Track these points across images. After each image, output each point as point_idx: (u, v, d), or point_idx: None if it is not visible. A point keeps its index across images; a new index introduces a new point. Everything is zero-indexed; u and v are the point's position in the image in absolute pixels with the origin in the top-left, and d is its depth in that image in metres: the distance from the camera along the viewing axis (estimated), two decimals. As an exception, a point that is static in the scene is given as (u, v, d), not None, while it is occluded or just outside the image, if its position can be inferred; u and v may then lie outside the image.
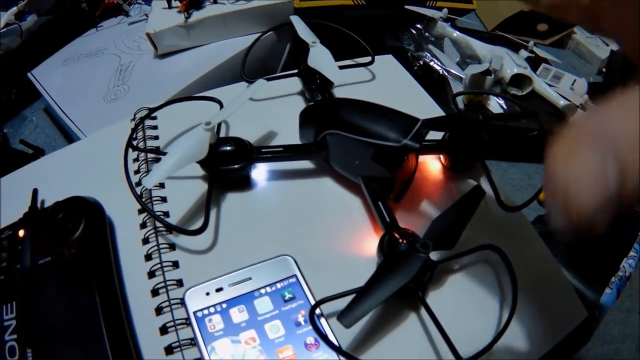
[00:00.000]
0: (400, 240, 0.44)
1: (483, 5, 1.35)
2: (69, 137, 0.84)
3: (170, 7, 0.85)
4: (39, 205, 0.52)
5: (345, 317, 0.38)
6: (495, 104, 0.89)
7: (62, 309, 0.42)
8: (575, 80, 1.00)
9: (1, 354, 0.41)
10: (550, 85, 0.96)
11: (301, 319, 0.43)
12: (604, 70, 1.28)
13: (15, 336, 0.41)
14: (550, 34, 1.33)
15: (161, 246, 0.48)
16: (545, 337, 0.47)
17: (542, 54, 1.04)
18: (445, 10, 1.01)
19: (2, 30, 0.92)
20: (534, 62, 1.04)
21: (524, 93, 0.94)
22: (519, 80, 0.94)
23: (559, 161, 0.24)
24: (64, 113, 0.79)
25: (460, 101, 0.86)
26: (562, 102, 0.92)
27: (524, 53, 1.03)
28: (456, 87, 0.86)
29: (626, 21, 0.27)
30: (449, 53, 0.94)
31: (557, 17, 0.31)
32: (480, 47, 0.99)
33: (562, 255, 0.66)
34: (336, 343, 0.41)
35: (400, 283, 0.40)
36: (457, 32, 1.01)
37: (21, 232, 0.47)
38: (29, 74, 0.89)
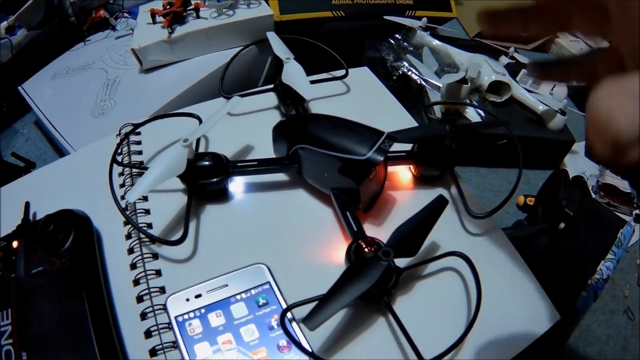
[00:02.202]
0: (365, 248, 0.49)
1: (465, 12, 1.39)
2: (59, 150, 0.87)
3: (154, 22, 0.90)
4: (31, 217, 0.56)
5: (309, 320, 0.42)
6: (473, 112, 0.93)
7: (54, 315, 0.46)
8: (554, 85, 1.04)
9: (-1, 357, 0.44)
10: (530, 91, 1.00)
11: (274, 323, 0.47)
12: (588, 72, 1.32)
13: (11, 340, 0.45)
14: (533, 38, 1.37)
15: (145, 256, 0.53)
16: (516, 339, 0.50)
17: (522, 59, 1.08)
18: (424, 19, 1.04)
19: (-8, 45, 0.95)
20: (515, 68, 1.08)
21: (502, 99, 0.98)
22: (498, 87, 0.98)
23: (601, 98, 0.30)
24: (54, 127, 0.83)
25: (437, 110, 0.90)
26: (540, 108, 0.97)
27: (504, 59, 1.07)
28: (434, 96, 0.90)
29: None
30: (427, 62, 0.98)
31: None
32: (459, 55, 1.02)
33: (539, 259, 0.70)
34: (306, 345, 0.45)
35: (361, 289, 0.44)
36: (437, 41, 1.05)
37: (15, 243, 0.51)
38: (19, 88, 0.93)
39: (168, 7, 0.89)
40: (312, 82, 0.66)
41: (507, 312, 0.52)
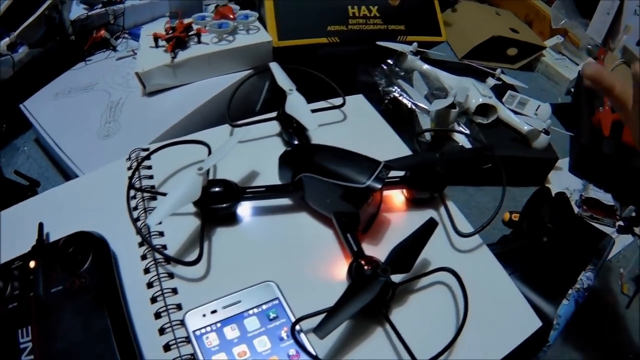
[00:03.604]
0: (365, 266, 0.56)
1: (454, 35, 1.45)
2: (61, 169, 0.92)
3: (157, 46, 0.95)
4: (44, 238, 0.61)
5: (319, 330, 0.49)
6: (462, 135, 1.00)
7: (77, 331, 0.50)
8: (539, 105, 1.11)
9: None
10: (515, 112, 1.07)
11: (284, 335, 0.53)
12: (572, 90, 1.39)
13: (32, 357, 0.48)
14: (520, 57, 1.44)
15: (161, 275, 0.58)
16: (500, 344, 0.57)
17: (508, 80, 1.15)
18: (415, 44, 1.10)
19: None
20: (501, 89, 1.15)
21: (489, 121, 1.05)
22: (485, 109, 1.05)
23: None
24: (59, 148, 0.87)
25: (428, 134, 0.96)
26: (525, 128, 1.03)
27: (491, 81, 1.13)
28: (424, 120, 0.96)
29: None
30: (417, 86, 1.04)
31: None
32: (447, 79, 1.09)
33: (521, 271, 0.75)
34: (314, 353, 0.52)
35: (364, 302, 0.51)
36: (426, 65, 1.11)
37: (32, 263, 0.55)
38: (21, 105, 0.96)
39: (171, 31, 0.94)
40: (312, 111, 0.72)
41: (491, 320, 0.59)
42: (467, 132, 1.01)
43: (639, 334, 0.87)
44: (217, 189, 0.62)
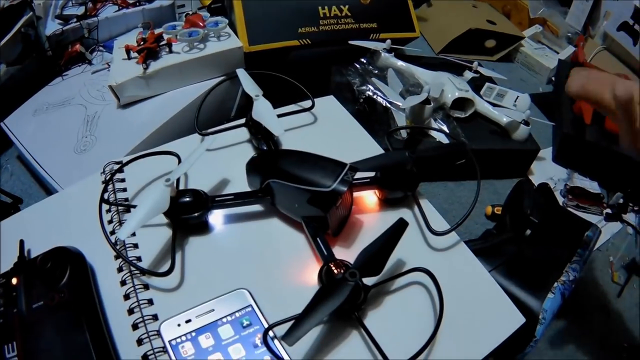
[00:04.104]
0: (335, 270, 0.56)
1: (430, 30, 1.46)
2: (44, 185, 0.92)
3: (129, 58, 0.96)
4: (25, 254, 0.62)
5: (288, 337, 0.49)
6: (437, 131, 1.00)
7: (58, 346, 0.51)
8: (518, 96, 1.11)
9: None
10: (493, 104, 1.08)
11: (258, 341, 0.54)
12: (553, 79, 1.39)
13: None
14: (499, 49, 1.45)
15: (137, 287, 0.59)
16: (482, 343, 0.58)
17: (486, 72, 1.15)
18: (388, 41, 1.10)
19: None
20: (480, 81, 1.15)
21: (467, 115, 1.05)
22: (462, 103, 1.05)
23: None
24: (39, 164, 0.87)
25: (404, 131, 0.97)
26: (504, 120, 1.03)
27: (468, 74, 1.13)
28: (399, 118, 0.96)
29: None
30: (392, 84, 1.04)
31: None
32: (423, 75, 1.09)
33: (504, 266, 0.75)
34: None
35: (332, 307, 0.51)
36: (401, 62, 1.12)
37: (14, 280, 0.56)
38: (2, 124, 0.97)
39: (142, 42, 0.95)
40: (281, 115, 0.74)
41: (471, 319, 0.59)
42: (443, 128, 1.01)
43: (637, 322, 0.87)
44: (186, 199, 0.62)
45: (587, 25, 1.48)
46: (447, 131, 0.99)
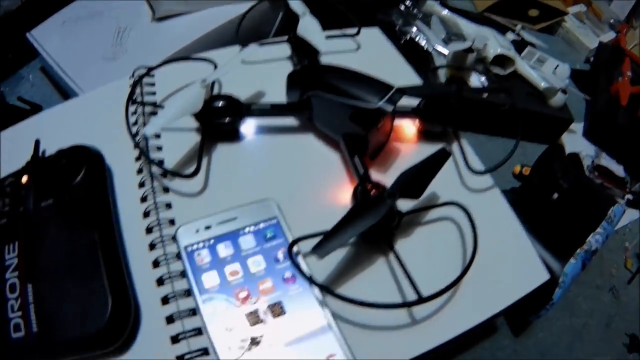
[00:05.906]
0: (371, 191, 0.52)
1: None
2: (66, 95, 0.89)
3: (169, -29, 0.90)
4: (40, 155, 0.57)
5: (318, 249, 0.45)
6: (477, 81, 0.96)
7: (63, 247, 0.47)
8: (558, 65, 1.07)
9: (2, 290, 0.45)
10: (533, 68, 1.03)
11: (280, 256, 0.50)
12: (591, 59, 1.34)
13: (16, 273, 0.46)
14: (541, 19, 1.39)
15: (155, 189, 0.55)
16: (505, 292, 0.54)
17: (528, 38, 1.11)
18: None
19: (1, -8, 0.94)
20: (520, 45, 1.10)
21: (506, 73, 1.01)
22: (502, 60, 1.01)
23: None
24: (63, 70, 0.84)
25: (442, 76, 0.93)
26: (543, 84, 0.99)
27: (510, 35, 1.09)
28: (440, 63, 0.93)
29: None
30: (435, 30, 1.00)
31: None
32: (466, 27, 1.05)
33: (530, 224, 0.72)
34: (310, 276, 0.48)
35: (367, 224, 0.47)
36: (446, 11, 1.07)
37: (24, 179, 0.52)
38: (28, 35, 0.93)
39: None
40: (326, 37, 0.68)
41: (496, 267, 0.55)
42: (484, 75, 0.96)
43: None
44: (220, 103, 0.58)
45: (631, 17, 1.45)
46: (487, 83, 0.95)
